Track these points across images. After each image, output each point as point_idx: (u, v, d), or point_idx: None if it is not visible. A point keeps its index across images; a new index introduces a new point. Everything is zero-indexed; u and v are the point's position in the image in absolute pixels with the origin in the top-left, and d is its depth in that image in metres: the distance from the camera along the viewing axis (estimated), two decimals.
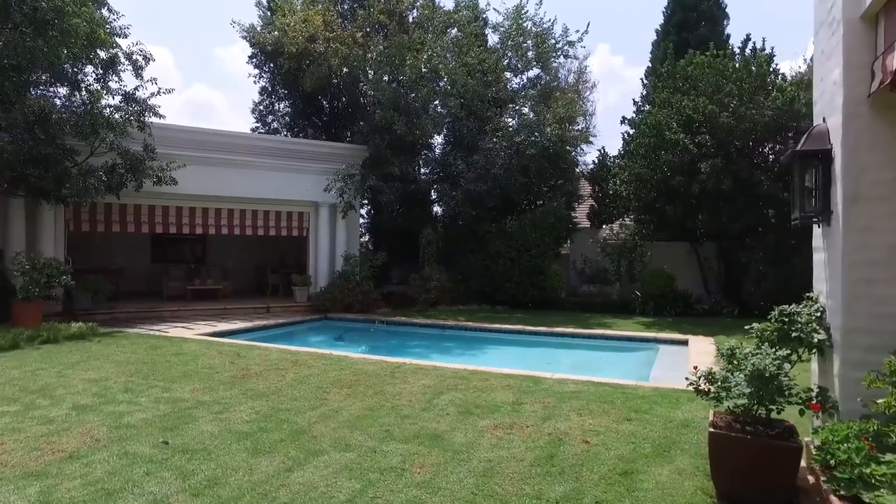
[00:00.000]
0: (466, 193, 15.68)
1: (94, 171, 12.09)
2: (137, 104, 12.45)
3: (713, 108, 13.10)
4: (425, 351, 11.89)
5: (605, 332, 12.78)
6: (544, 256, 16.90)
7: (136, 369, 7.30)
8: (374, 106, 16.41)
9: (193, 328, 12.18)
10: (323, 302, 15.45)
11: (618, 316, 15.60)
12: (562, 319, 14.64)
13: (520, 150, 15.78)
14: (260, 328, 12.99)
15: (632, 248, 16.70)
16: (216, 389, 6.38)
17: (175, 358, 8.14)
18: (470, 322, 13.95)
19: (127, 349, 8.81)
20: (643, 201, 15.61)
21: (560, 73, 18.89)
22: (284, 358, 8.37)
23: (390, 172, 16.84)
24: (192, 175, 14.25)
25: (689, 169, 14.11)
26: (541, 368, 10.11)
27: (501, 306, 17.11)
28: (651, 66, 22.41)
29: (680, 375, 9.12)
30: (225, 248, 20.36)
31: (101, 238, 18.16)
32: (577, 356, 11.82)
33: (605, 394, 6.57)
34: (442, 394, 6.46)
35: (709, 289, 17.00)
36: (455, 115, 16.64)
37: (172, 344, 9.47)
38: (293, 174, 16.04)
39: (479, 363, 10.61)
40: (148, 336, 10.50)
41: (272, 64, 21.40)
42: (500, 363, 11.14)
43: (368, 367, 7.81)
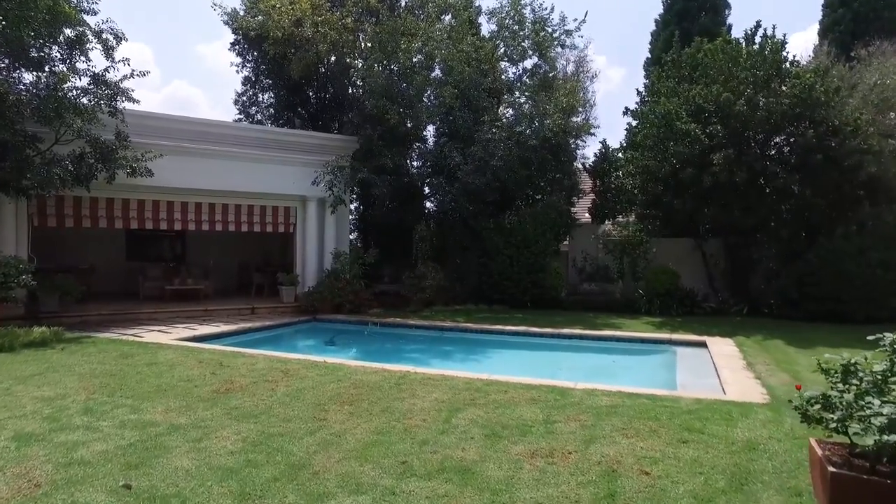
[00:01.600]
0: (464, 187, 14.80)
1: (60, 160, 10.99)
2: (108, 87, 11.35)
3: (728, 95, 12.36)
4: (424, 356, 11.00)
5: (615, 333, 12.00)
6: (544, 253, 16.10)
7: (101, 384, 6.30)
8: (365, 94, 15.45)
9: (171, 332, 11.15)
10: (311, 302, 14.47)
11: (623, 315, 14.85)
12: (566, 320, 13.84)
13: (520, 141, 14.92)
14: (244, 331, 11.99)
15: (637, 245, 15.97)
16: (195, 408, 5.42)
17: (148, 369, 7.14)
18: (470, 323, 13.08)
19: (93, 358, 7.78)
20: (650, 195, 14.86)
21: (559, 63, 18.02)
22: (273, 367, 7.42)
23: (382, 165, 15.88)
24: (170, 167, 13.18)
25: (699, 161, 13.39)
26: (556, 375, 9.28)
27: (499, 306, 16.27)
28: (650, 57, 21.75)
29: (711, 382, 8.41)
30: (206, 245, 19.23)
31: (71, 235, 17.00)
32: (588, 360, 11.01)
33: (644, 408, 5.74)
34: (459, 410, 5.58)
35: (714, 286, 16.34)
36: (449, 106, 15.74)
37: (146, 351, 8.46)
38: (279, 166, 15.02)
39: (486, 369, 9.75)
40: (120, 342, 9.47)
41: (256, 52, 20.28)
42: (507, 369, 10.30)
43: (370, 378, 6.90)
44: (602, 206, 17.24)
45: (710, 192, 13.65)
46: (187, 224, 14.55)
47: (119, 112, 11.67)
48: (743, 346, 10.20)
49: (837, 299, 12.63)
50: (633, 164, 14.51)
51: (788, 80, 12.32)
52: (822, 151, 11.98)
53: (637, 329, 12.62)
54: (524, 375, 9.75)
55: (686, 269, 16.09)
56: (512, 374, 9.76)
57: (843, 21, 18.31)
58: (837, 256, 12.51)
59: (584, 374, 9.77)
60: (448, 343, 12.16)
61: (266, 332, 12.49)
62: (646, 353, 11.24)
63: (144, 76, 11.80)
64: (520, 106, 16.04)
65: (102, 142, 11.42)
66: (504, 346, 12.03)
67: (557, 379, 8.79)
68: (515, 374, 9.86)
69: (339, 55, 17.20)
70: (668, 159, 13.97)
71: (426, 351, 11.48)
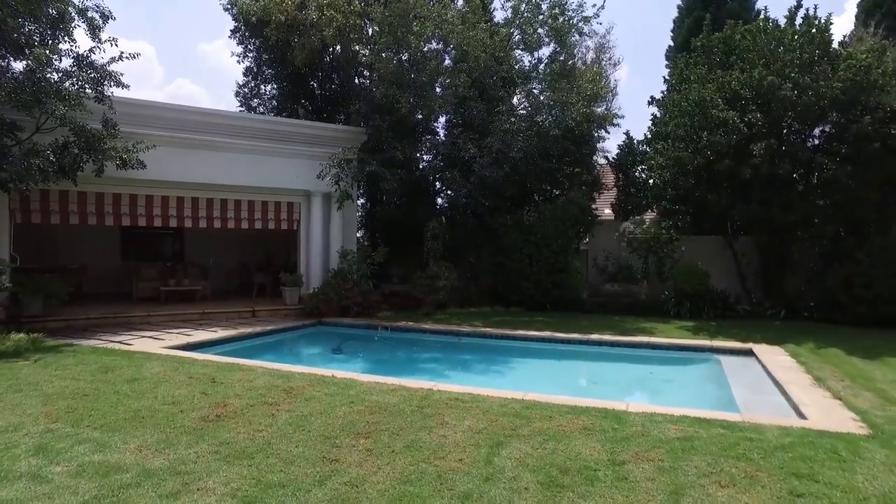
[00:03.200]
0: (480, 180, 13.75)
1: (41, 150, 9.98)
2: (94, 70, 10.33)
3: (773, 79, 11.27)
4: (441, 366, 9.97)
5: (649, 339, 10.95)
6: (566, 252, 15.05)
7: (68, 408, 5.28)
8: (374, 83, 14.40)
9: (163, 338, 10.15)
10: (316, 304, 13.44)
11: (651, 319, 13.80)
12: (591, 324, 12.81)
13: (541, 132, 13.85)
14: (243, 337, 10.98)
15: (665, 243, 14.90)
16: (176, 444, 4.40)
17: (129, 387, 6.12)
18: (490, 328, 12.04)
19: (68, 373, 6.77)
20: (680, 189, 13.78)
21: (577, 50, 16.95)
22: (274, 384, 6.39)
23: (392, 157, 14.85)
24: (164, 159, 12.19)
25: (736, 152, 12.32)
26: (592, 391, 8.30)
27: (516, 308, 15.24)
28: (673, 45, 20.64)
29: (776, 401, 7.29)
30: (205, 243, 18.23)
31: (62, 232, 16.07)
32: (624, 371, 9.96)
33: (725, 442, 4.70)
34: (501, 445, 4.54)
35: (746, 287, 15.28)
36: (463, 96, 14.69)
37: (131, 363, 7.45)
38: (282, 159, 14.00)
39: (514, 383, 8.74)
40: (103, 351, 8.46)
41: (257, 40, 19.26)
42: (536, 381, 9.28)
43: (387, 399, 5.86)
44: (626, 202, 16.16)
45: (749, 185, 12.59)
46: (184, 221, 13.54)
47: (107, 98, 10.66)
48: (798, 355, 9.13)
49: (893, 302, 11.53)
50: (662, 155, 13.41)
51: (840, 62, 11.20)
52: (880, 140, 10.88)
53: (671, 335, 11.57)
54: (555, 388, 8.76)
55: (715, 269, 15.03)
56: (541, 387, 8.76)
57: (885, 2, 17.16)
58: (894, 255, 11.41)
59: (624, 389, 8.74)
60: (466, 350, 11.13)
61: (267, 337, 11.48)
62: (686, 362, 10.18)
63: (134, 59, 10.77)
64: (538, 95, 14.93)
65: (88, 130, 10.40)
66: (528, 353, 10.99)
67: (598, 396, 7.77)
68: (545, 387, 8.86)
69: (346, 42, 16.14)
70: (702, 150, 12.90)
71: (443, 360, 10.44)
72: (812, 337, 10.81)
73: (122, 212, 12.83)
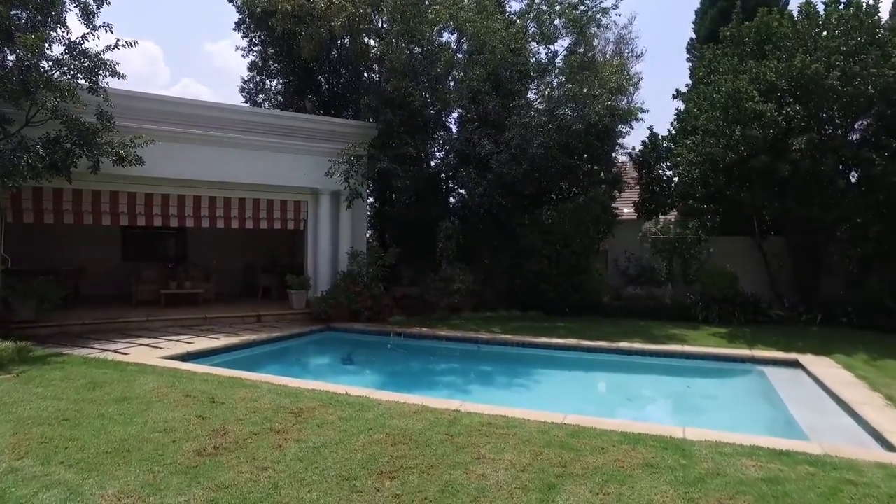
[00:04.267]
0: (498, 178, 12.97)
1: (31, 145, 9.27)
2: (87, 59, 9.62)
3: (817, 67, 10.45)
4: (462, 379, 9.20)
5: (683, 347, 10.16)
6: (587, 253, 14.27)
7: (42, 437, 4.56)
8: (386, 74, 13.65)
9: (161, 347, 9.44)
10: (325, 309, 12.70)
11: (679, 324, 13.01)
12: (617, 330, 12.03)
13: (562, 126, 13.05)
14: (248, 345, 10.25)
15: (693, 243, 14.11)
16: (164, 490, 3.65)
17: (116, 409, 5.39)
18: (510, 335, 11.26)
19: (51, 391, 6.05)
20: (710, 187, 12.97)
21: (596, 42, 16.14)
22: (281, 405, 5.65)
23: (404, 153, 14.11)
24: (164, 155, 11.51)
25: (773, 146, 11.51)
26: (629, 409, 7.55)
27: (534, 312, 14.46)
28: (695, 37, 19.81)
29: (845, 424, 6.45)
30: (208, 244, 17.54)
31: (60, 232, 15.40)
32: (659, 385, 9.18)
33: (819, 484, 3.92)
34: (554, 489, 3.78)
35: (776, 291, 14.45)
36: (477, 89, 13.91)
37: (123, 378, 6.73)
38: (288, 155, 13.28)
39: (542, 399, 8.00)
40: (94, 363, 7.75)
41: (263, 33, 18.58)
42: (566, 396, 8.49)
43: (410, 424, 5.11)
44: (650, 200, 15.36)
45: (784, 182, 11.78)
46: (185, 220, 12.83)
47: (101, 89, 9.96)
48: (853, 368, 8.33)
49: None
50: (692, 151, 12.60)
51: (892, 49, 10.37)
52: None
53: (705, 342, 10.78)
54: (588, 406, 8.03)
55: (743, 272, 14.26)
56: (573, 403, 8.02)
57: None
58: None
59: (664, 407, 7.96)
60: (486, 360, 10.37)
61: (273, 344, 10.75)
62: (726, 374, 9.39)
63: (132, 46, 10.06)
64: (558, 87, 14.12)
65: (82, 123, 9.70)
66: (553, 363, 10.22)
67: (642, 416, 7.03)
68: (576, 403, 8.11)
69: (355, 33, 15.42)
70: (734, 146, 12.09)
71: (463, 372, 9.68)
72: (861, 346, 10.00)
73: (119, 211, 12.14)
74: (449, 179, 16.08)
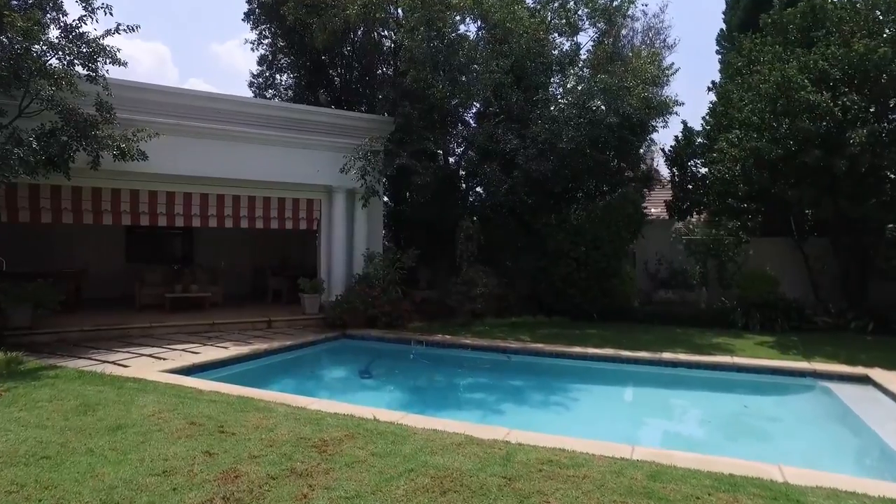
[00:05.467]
0: (525, 175, 12.11)
1: (24, 138, 8.49)
2: (85, 44, 8.85)
3: (886, 50, 9.53)
4: (494, 396, 8.31)
5: (734, 360, 9.27)
6: (618, 255, 13.40)
7: (13, 482, 3.73)
8: (406, 64, 12.81)
9: (165, 357, 8.65)
10: (339, 314, 11.89)
11: (718, 332, 12.15)
12: (654, 338, 11.18)
13: (594, 120, 12.17)
14: (258, 355, 9.44)
15: (732, 245, 13.23)
16: None
17: (108, 441, 4.58)
18: (540, 344, 10.42)
19: (36, 415, 5.26)
20: (754, 185, 12.06)
21: (624, 32, 15.27)
22: (301, 435, 4.83)
23: (423, 149, 13.29)
24: (170, 150, 10.76)
25: (827, 140, 10.60)
26: (691, 433, 6.68)
27: (560, 317, 13.62)
28: (725, 28, 18.87)
29: None
30: (215, 245, 16.79)
31: (60, 233, 14.69)
32: (712, 403, 8.26)
33: None
34: None
35: (820, 296, 13.54)
36: (499, 81, 13.05)
37: (120, 398, 5.92)
38: (301, 150, 12.48)
39: (589, 421, 7.17)
40: (90, 377, 6.95)
41: (273, 24, 17.82)
42: (612, 418, 7.61)
43: (457, 463, 4.28)
44: (683, 199, 14.45)
45: (839, 179, 10.87)
46: (191, 220, 12.05)
47: (100, 77, 9.19)
48: None
49: None
50: (735, 147, 11.70)
51: None
52: None
53: (755, 353, 9.89)
54: (642, 430, 7.19)
55: (782, 275, 13.34)
56: (623, 426, 7.19)
57: None
58: None
59: (727, 432, 7.04)
60: (518, 372, 9.52)
61: (285, 354, 9.94)
62: (786, 390, 8.50)
63: (134, 31, 9.30)
64: (588, 79, 13.22)
65: (80, 114, 8.93)
66: (590, 376, 9.36)
67: (705, 445, 6.16)
68: (627, 426, 7.25)
69: (370, 22, 14.58)
70: (782, 140, 11.19)
71: (494, 387, 8.79)
72: None
73: (122, 210, 11.38)
74: (469, 177, 15.22)
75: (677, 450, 4.91)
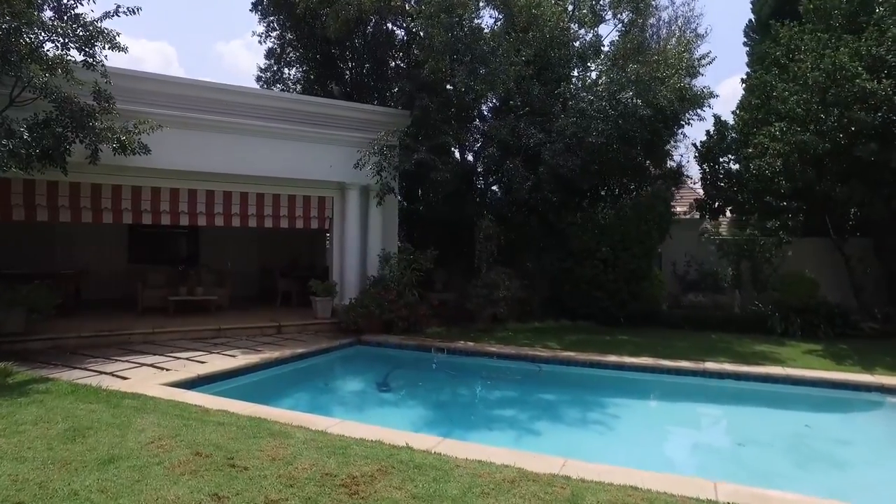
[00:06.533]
0: (552, 171, 11.35)
1: (15, 129, 7.79)
2: (81, 26, 8.14)
3: None
4: (527, 413, 7.52)
5: (786, 371, 8.48)
6: (648, 256, 12.63)
7: None
8: (424, 54, 12.07)
9: (168, 367, 7.93)
10: (354, 319, 11.15)
11: (756, 338, 11.41)
12: (690, 345, 10.43)
13: (625, 113, 11.39)
14: (269, 364, 8.70)
15: (770, 246, 12.47)
16: None
17: (97, 480, 3.85)
18: (571, 352, 9.65)
19: (16, 443, 4.54)
20: (797, 181, 11.26)
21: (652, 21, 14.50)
22: (325, 470, 4.10)
23: (440, 144, 12.55)
24: (174, 143, 10.05)
25: (884, 132, 9.82)
26: (752, 459, 5.74)
27: (585, 322, 12.87)
28: (754, 19, 18.07)
29: None
30: (221, 244, 16.11)
31: (60, 231, 14.07)
32: (769, 422, 7.45)
33: None
34: None
35: (861, 300, 12.72)
36: (520, 74, 12.30)
37: (115, 419, 5.21)
38: (313, 145, 11.74)
39: (642, 445, 6.39)
40: (85, 392, 6.24)
41: (282, 15, 17.12)
42: (666, 440, 6.85)
43: None
44: (716, 197, 13.66)
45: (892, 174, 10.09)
46: (196, 218, 11.34)
47: (99, 63, 8.48)
48: None
49: None
50: (779, 141, 10.90)
51: None
52: None
53: (806, 363, 9.11)
54: (699, 456, 6.42)
55: (820, 277, 12.54)
56: (678, 450, 6.47)
57: None
58: None
59: (795, 459, 6.24)
60: (550, 384, 8.76)
61: (297, 362, 9.19)
62: (849, 407, 7.71)
63: (135, 14, 8.59)
64: (617, 69, 12.44)
65: (76, 103, 8.22)
66: (628, 389, 8.61)
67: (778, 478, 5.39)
68: (682, 451, 6.47)
69: (384, 11, 13.85)
70: (830, 133, 10.41)
71: (526, 402, 7.98)
72: None
73: (122, 207, 10.69)
74: (487, 174, 14.46)
75: (751, 482, 4.21)
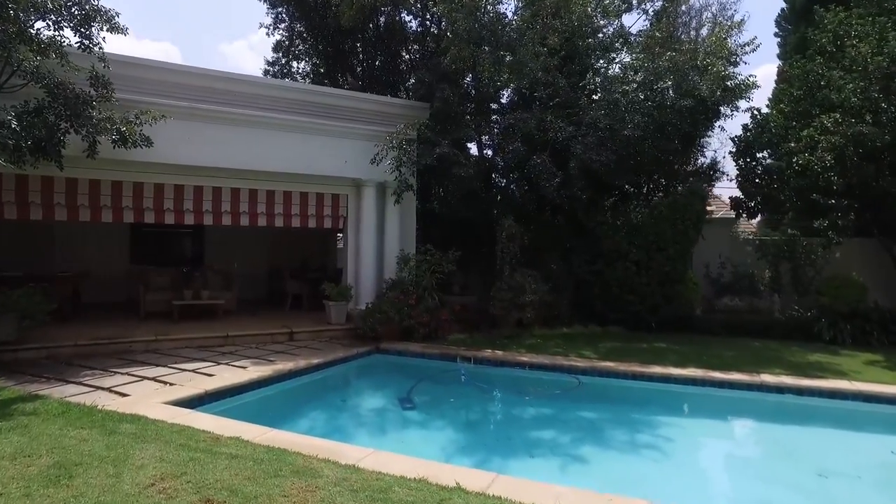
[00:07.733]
0: (583, 166, 10.54)
1: (5, 118, 7.05)
2: (76, 4, 7.39)
3: None
4: (570, 435, 6.68)
5: (854, 385, 7.67)
6: (683, 258, 11.82)
7: None
8: (449, 39, 11.28)
9: (172, 382, 7.15)
10: (372, 325, 10.37)
11: (802, 345, 10.64)
12: (735, 353, 9.67)
13: (662, 104, 10.57)
14: (283, 376, 7.92)
15: (821, 247, 11.66)
16: None
17: None
18: (610, 362, 8.84)
19: None
20: (852, 177, 10.43)
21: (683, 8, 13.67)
22: None
23: (461, 138, 11.77)
24: (178, 136, 9.34)
25: None
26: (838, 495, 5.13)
27: (615, 327, 12.11)
28: (789, 7, 17.22)
29: None
30: (227, 244, 15.35)
31: (59, 231, 13.35)
32: (846, 447, 6.63)
33: None
34: None
35: None
36: (545, 65, 11.49)
37: (110, 450, 4.44)
38: (326, 139, 10.97)
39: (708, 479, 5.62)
40: (77, 413, 5.48)
41: (291, 6, 16.40)
42: (733, 470, 6.03)
43: None
44: (754, 194, 12.83)
45: None
46: (202, 216, 10.58)
47: (96, 45, 7.73)
48: None
49: None
50: (834, 133, 10.07)
51: None
52: None
53: (872, 376, 8.29)
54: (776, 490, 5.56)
55: (867, 280, 11.74)
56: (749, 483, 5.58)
57: None
58: None
59: (889, 491, 5.45)
60: (588, 399, 7.95)
61: (313, 374, 8.40)
62: None
63: None
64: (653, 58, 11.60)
65: (71, 90, 7.47)
66: (676, 404, 7.84)
67: None
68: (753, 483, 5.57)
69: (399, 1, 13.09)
70: (890, 123, 9.58)
71: (563, 422, 7.08)
72: None
73: (123, 205, 9.94)
74: (509, 170, 13.64)
75: None
